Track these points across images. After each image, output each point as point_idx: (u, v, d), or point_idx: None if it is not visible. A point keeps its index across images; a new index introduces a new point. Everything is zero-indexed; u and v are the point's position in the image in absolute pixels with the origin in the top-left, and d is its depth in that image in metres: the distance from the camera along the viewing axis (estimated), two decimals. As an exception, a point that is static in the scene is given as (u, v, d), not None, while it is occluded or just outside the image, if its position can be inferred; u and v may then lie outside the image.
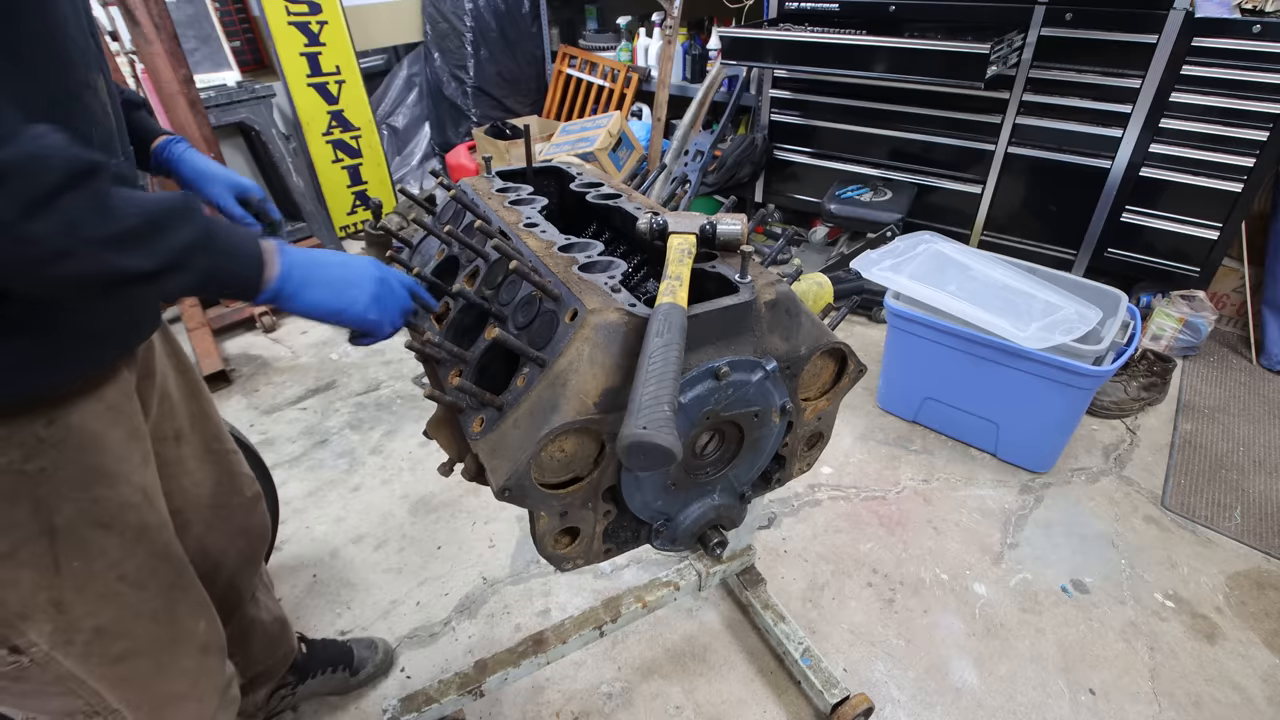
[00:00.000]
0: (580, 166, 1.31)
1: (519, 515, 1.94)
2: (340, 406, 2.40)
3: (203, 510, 1.08)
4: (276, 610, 1.33)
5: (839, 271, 2.07)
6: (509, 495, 0.75)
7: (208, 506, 1.09)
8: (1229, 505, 2.00)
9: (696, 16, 3.66)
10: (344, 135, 3.44)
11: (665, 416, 0.64)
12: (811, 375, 0.94)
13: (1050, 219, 2.78)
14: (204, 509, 1.08)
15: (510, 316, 0.87)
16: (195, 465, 1.06)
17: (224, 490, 1.12)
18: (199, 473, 1.07)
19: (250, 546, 1.20)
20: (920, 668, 1.56)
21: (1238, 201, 2.39)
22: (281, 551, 1.83)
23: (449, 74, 3.92)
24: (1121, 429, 2.31)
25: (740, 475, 0.95)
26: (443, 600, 1.71)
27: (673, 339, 0.70)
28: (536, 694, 1.50)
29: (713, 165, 3.22)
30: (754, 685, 1.52)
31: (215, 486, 1.10)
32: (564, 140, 3.44)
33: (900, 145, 2.98)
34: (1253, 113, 2.26)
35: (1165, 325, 2.59)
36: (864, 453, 2.20)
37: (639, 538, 0.95)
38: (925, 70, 2.40)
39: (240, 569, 1.19)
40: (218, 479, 1.10)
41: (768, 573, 1.73)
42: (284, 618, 1.35)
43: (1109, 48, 2.41)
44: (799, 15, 2.97)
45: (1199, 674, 1.56)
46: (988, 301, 1.97)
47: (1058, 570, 1.80)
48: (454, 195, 1.07)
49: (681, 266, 0.82)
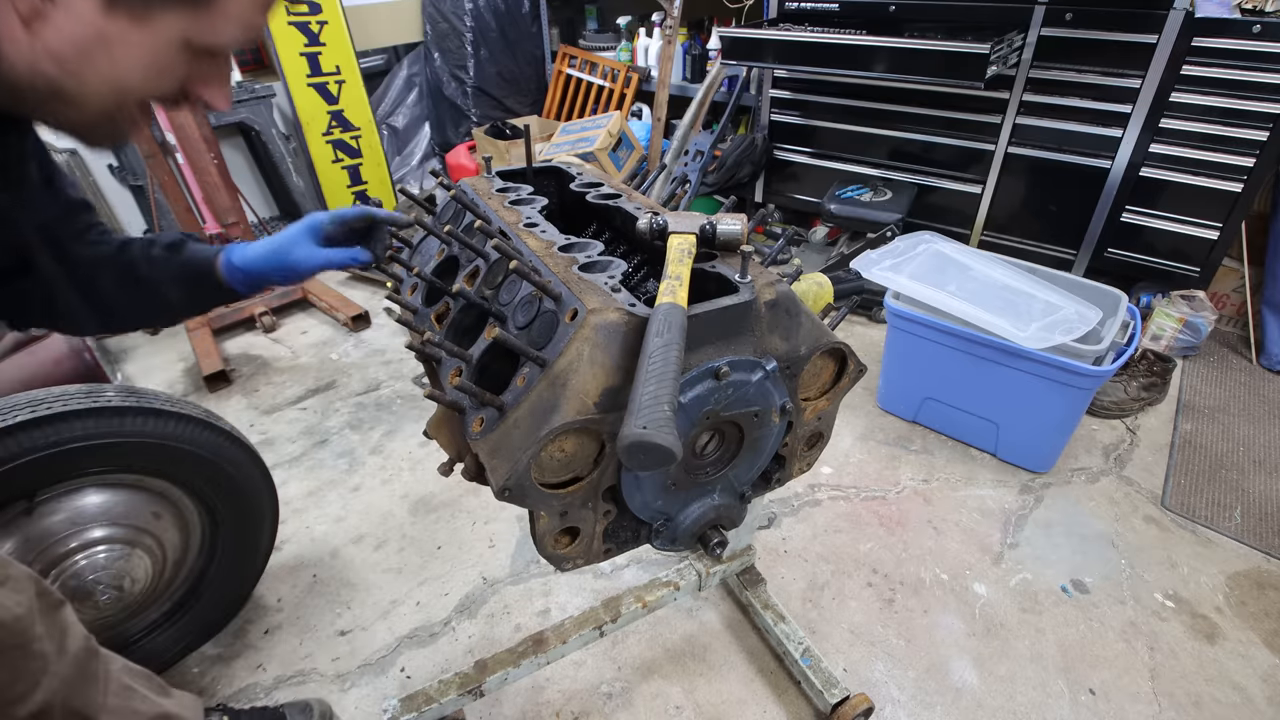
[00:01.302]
0: (580, 166, 1.31)
1: (519, 515, 1.94)
2: (340, 406, 2.40)
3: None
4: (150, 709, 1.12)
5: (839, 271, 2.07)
6: (509, 495, 0.75)
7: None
8: (1229, 505, 2.00)
9: (696, 16, 3.66)
10: (344, 135, 3.44)
11: (665, 416, 0.64)
12: (811, 375, 0.94)
13: (1050, 219, 2.78)
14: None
15: (510, 316, 0.87)
16: None
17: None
18: None
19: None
20: (920, 668, 1.56)
21: (1238, 201, 2.39)
22: (281, 551, 1.83)
23: (449, 74, 3.92)
24: (1121, 429, 2.31)
25: (740, 475, 0.95)
26: (443, 600, 1.71)
27: (673, 339, 0.70)
28: (536, 694, 1.50)
29: (713, 165, 3.22)
30: (754, 685, 1.52)
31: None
32: (564, 140, 3.44)
33: (900, 145, 2.98)
34: (1253, 113, 2.27)
35: (1165, 325, 2.59)
36: (864, 453, 2.20)
37: (639, 538, 0.95)
38: (925, 70, 2.40)
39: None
40: None
41: (768, 573, 1.73)
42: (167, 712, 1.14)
43: (1109, 48, 2.41)
44: (799, 15, 2.97)
45: (1199, 674, 1.56)
46: (988, 301, 1.97)
47: (1058, 570, 1.80)
48: (454, 195, 1.07)
49: (681, 266, 0.82)
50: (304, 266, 1.01)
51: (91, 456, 1.23)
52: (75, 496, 1.27)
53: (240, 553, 1.55)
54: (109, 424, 1.23)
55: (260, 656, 1.59)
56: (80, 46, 0.56)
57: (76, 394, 1.22)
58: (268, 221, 3.30)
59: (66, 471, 1.23)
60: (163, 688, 1.19)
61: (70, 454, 1.19)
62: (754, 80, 3.25)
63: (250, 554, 1.58)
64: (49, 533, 1.24)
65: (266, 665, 1.57)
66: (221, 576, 1.53)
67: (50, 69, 0.57)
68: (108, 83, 0.59)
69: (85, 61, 0.57)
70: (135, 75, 0.60)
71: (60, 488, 1.25)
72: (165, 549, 1.40)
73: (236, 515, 1.49)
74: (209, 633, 1.59)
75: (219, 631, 1.61)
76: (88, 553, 1.27)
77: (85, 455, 1.22)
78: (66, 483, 1.26)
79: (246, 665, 1.57)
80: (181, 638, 1.52)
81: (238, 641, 1.61)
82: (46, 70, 0.57)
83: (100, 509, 1.30)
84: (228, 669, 1.56)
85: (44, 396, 1.20)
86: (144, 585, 1.36)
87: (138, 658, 1.15)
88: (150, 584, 1.38)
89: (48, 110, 0.62)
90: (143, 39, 0.57)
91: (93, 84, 0.59)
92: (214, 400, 2.44)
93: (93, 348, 1.58)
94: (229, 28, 0.61)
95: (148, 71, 0.60)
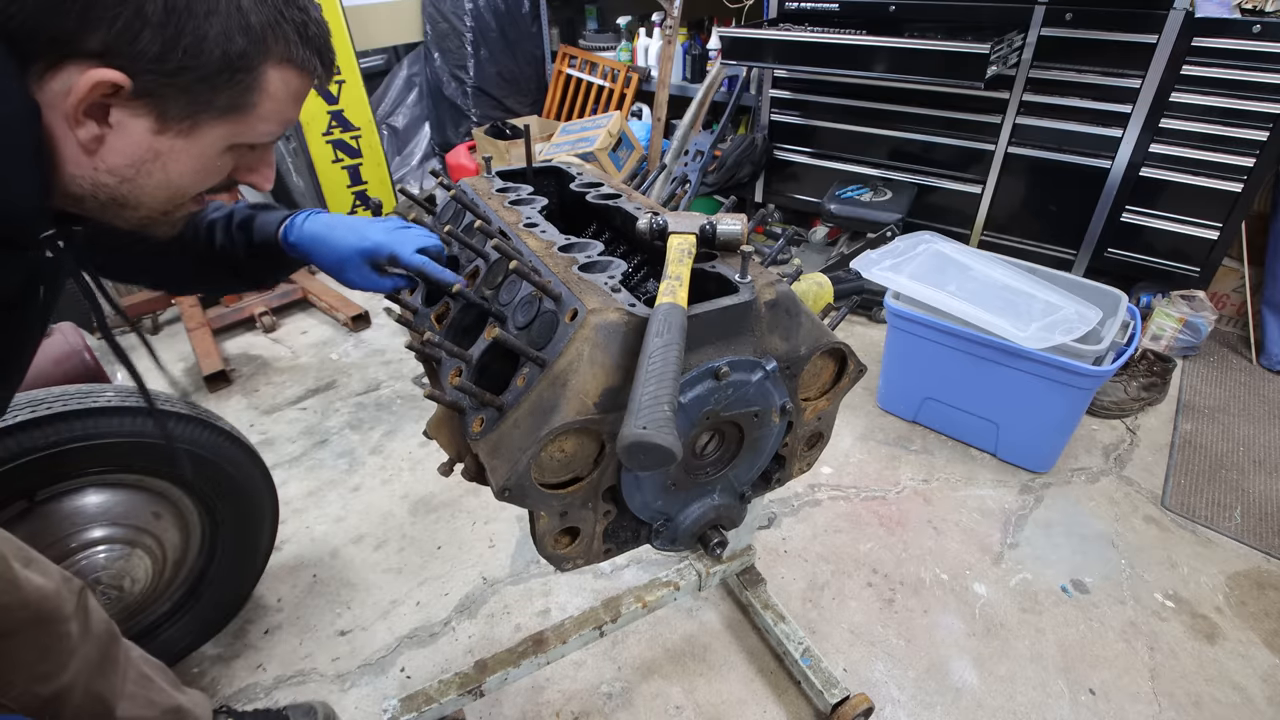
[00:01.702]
0: (580, 166, 1.31)
1: (519, 515, 1.94)
2: (340, 406, 2.40)
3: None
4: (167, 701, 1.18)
5: (839, 271, 2.07)
6: (509, 495, 0.75)
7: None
8: (1229, 505, 2.00)
9: (696, 16, 3.66)
10: (344, 135, 3.44)
11: (665, 416, 0.64)
12: (811, 375, 0.94)
13: (1050, 219, 2.78)
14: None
15: (510, 316, 0.87)
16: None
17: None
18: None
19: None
20: (920, 668, 1.56)
21: (1238, 201, 2.39)
22: (281, 551, 1.83)
23: (449, 74, 3.92)
24: (1121, 429, 2.31)
25: (740, 475, 0.95)
26: (443, 600, 1.71)
27: (673, 339, 0.70)
28: (536, 694, 1.50)
29: (713, 165, 3.22)
30: (754, 685, 1.52)
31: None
32: (564, 140, 3.44)
33: (900, 145, 2.98)
34: (1253, 113, 2.27)
35: (1165, 325, 2.59)
36: (864, 453, 2.20)
37: (639, 538, 0.95)
38: (925, 70, 2.40)
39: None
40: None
41: (768, 573, 1.73)
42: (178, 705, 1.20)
43: (1109, 48, 2.41)
44: (799, 15, 2.97)
45: (1199, 674, 1.55)
46: (988, 301, 1.97)
47: (1058, 570, 1.80)
48: (454, 195, 1.07)
49: (681, 266, 0.82)
50: (353, 285, 1.02)
51: (91, 456, 1.23)
52: (75, 496, 1.27)
53: (240, 553, 1.55)
54: (109, 424, 1.23)
55: (260, 656, 1.58)
56: (136, 163, 0.63)
57: (76, 394, 1.22)
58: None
59: (66, 471, 1.23)
60: (176, 682, 1.21)
61: (70, 454, 1.19)
62: (754, 80, 3.25)
63: (250, 554, 1.58)
64: (49, 532, 1.24)
65: (266, 665, 1.57)
66: (221, 576, 1.53)
67: (110, 182, 0.63)
68: (162, 188, 0.66)
69: (141, 175, 0.64)
70: (186, 179, 0.67)
71: (60, 487, 1.25)
72: (165, 549, 1.40)
73: (236, 515, 1.48)
74: (209, 633, 1.59)
75: (219, 631, 1.61)
76: (87, 553, 1.27)
77: (85, 455, 1.22)
78: (66, 482, 1.26)
79: (246, 665, 1.57)
80: (181, 638, 1.52)
81: (238, 641, 1.61)
82: (106, 183, 0.63)
83: (100, 509, 1.30)
84: (228, 669, 1.56)
85: (43, 396, 1.20)
86: (144, 585, 1.36)
87: (137, 658, 1.16)
88: (150, 584, 1.38)
89: (109, 214, 0.67)
90: (191, 149, 0.64)
91: (149, 190, 0.65)
92: (214, 400, 2.43)
93: (92, 348, 1.58)
94: (266, 126, 0.67)
95: (197, 175, 0.67)
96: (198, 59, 0.58)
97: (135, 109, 0.59)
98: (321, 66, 0.69)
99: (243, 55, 0.61)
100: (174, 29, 0.56)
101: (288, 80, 0.66)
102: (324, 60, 0.69)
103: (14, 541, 1.00)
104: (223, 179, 0.71)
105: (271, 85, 0.65)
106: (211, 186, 0.71)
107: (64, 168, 0.62)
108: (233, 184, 0.73)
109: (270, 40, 0.62)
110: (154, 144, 0.62)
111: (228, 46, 0.59)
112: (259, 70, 0.63)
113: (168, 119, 0.61)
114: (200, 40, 0.58)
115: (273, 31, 0.62)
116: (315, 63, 0.68)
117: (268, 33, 0.62)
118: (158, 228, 0.72)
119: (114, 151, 0.61)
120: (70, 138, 0.60)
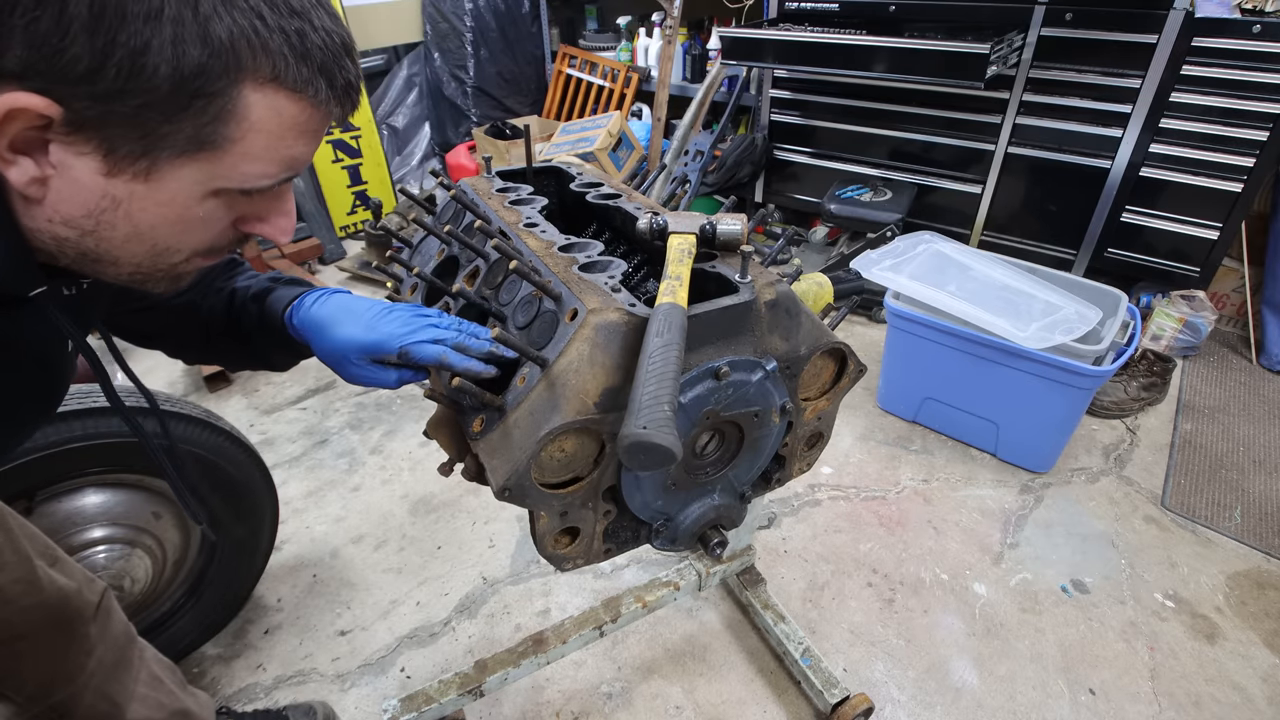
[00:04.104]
0: (580, 166, 1.30)
1: (519, 515, 1.94)
2: (340, 406, 2.40)
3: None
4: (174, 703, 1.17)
5: (839, 271, 2.07)
6: (509, 495, 0.75)
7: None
8: (1229, 505, 2.00)
9: (696, 16, 3.66)
10: (344, 135, 3.44)
11: (665, 416, 0.64)
12: (811, 375, 0.94)
13: (1050, 219, 2.78)
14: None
15: (510, 316, 0.87)
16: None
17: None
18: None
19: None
20: (920, 668, 1.56)
21: (1238, 201, 2.39)
22: (281, 551, 1.83)
23: (449, 74, 3.92)
24: (1121, 429, 2.31)
25: (740, 475, 0.95)
26: (443, 600, 1.71)
27: (673, 339, 0.70)
28: (536, 694, 1.50)
29: (713, 165, 3.22)
30: (754, 685, 1.52)
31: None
32: (564, 140, 3.44)
33: (900, 145, 2.98)
34: (1253, 113, 2.27)
35: (1165, 325, 2.59)
36: (864, 453, 2.20)
37: (639, 538, 0.95)
38: (925, 70, 2.40)
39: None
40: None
41: (768, 573, 1.73)
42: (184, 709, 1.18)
43: (1109, 48, 2.41)
44: (799, 15, 2.97)
45: (1199, 674, 1.55)
46: (988, 301, 1.97)
47: (1058, 570, 1.80)
48: (454, 195, 1.06)
49: (681, 266, 0.82)
50: (356, 381, 0.86)
51: (90, 456, 1.23)
52: (75, 496, 1.27)
53: (240, 553, 1.55)
54: (108, 424, 1.23)
55: (260, 656, 1.58)
56: (92, 213, 0.52)
57: (75, 394, 1.22)
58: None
59: (65, 471, 1.23)
60: (183, 683, 1.21)
61: (69, 454, 1.19)
62: (754, 80, 3.25)
63: (250, 554, 1.58)
64: (48, 533, 1.22)
65: (266, 665, 1.57)
66: (221, 576, 1.53)
67: (68, 235, 0.53)
68: (134, 242, 0.55)
69: (102, 226, 0.53)
70: (162, 232, 0.55)
71: (59, 487, 1.25)
72: (165, 549, 1.40)
73: (236, 515, 1.48)
74: (209, 633, 1.59)
75: (219, 631, 1.61)
76: (87, 553, 1.27)
77: (84, 455, 1.22)
78: (66, 482, 1.26)
79: (246, 665, 1.57)
80: (181, 638, 1.52)
81: (238, 641, 1.61)
82: (66, 237, 0.53)
83: (100, 509, 1.30)
84: (228, 669, 1.56)
85: (44, 396, 1.20)
86: (144, 585, 1.36)
87: (137, 658, 1.16)
88: (150, 584, 1.38)
89: (89, 271, 0.58)
90: (155, 195, 0.52)
91: (118, 244, 0.55)
92: (214, 400, 2.43)
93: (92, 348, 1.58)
94: (257, 166, 0.54)
95: (175, 227, 0.55)
96: (138, 78, 0.46)
97: (76, 145, 0.48)
98: (330, 89, 0.54)
99: (200, 73, 0.47)
100: (105, 38, 0.44)
101: (278, 107, 0.52)
102: (332, 81, 0.54)
103: (42, 539, 0.98)
104: (224, 232, 0.59)
105: (254, 113, 0.51)
106: (214, 243, 0.59)
107: (18, 219, 0.52)
108: (244, 237, 0.62)
109: (245, 54, 0.49)
110: (108, 189, 0.51)
111: (178, 61, 0.46)
112: (231, 94, 0.49)
113: (118, 157, 0.49)
114: (139, 52, 0.45)
115: (248, 43, 0.49)
116: (319, 83, 0.53)
117: (240, 44, 0.48)
118: (155, 284, 0.61)
119: (63, 199, 0.51)
120: (8, 184, 0.50)
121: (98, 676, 1.03)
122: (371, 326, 0.81)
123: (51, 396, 0.75)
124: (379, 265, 1.07)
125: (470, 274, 0.97)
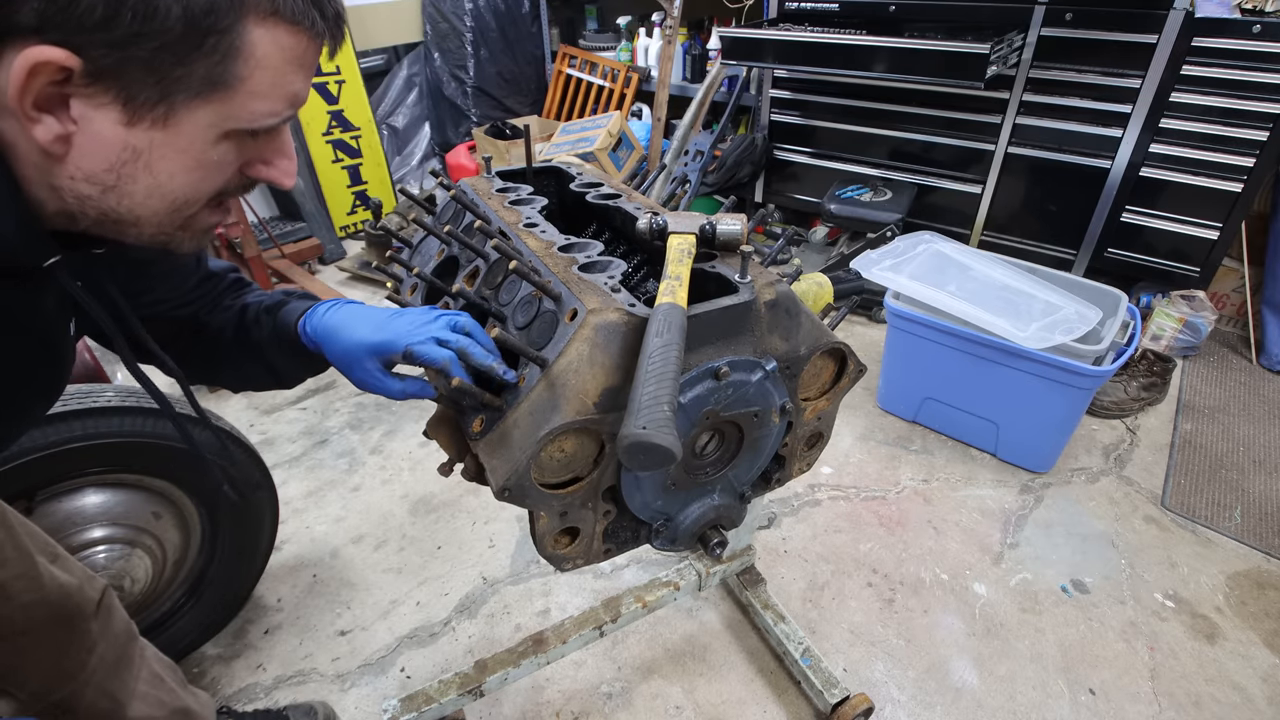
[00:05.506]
0: (580, 166, 1.30)
1: (519, 515, 1.94)
2: (340, 406, 2.40)
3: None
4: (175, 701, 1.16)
5: (839, 271, 2.07)
6: (509, 495, 0.75)
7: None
8: (1229, 505, 2.00)
9: (696, 16, 3.66)
10: (344, 135, 3.44)
11: (665, 416, 0.64)
12: (811, 375, 0.94)
13: (1050, 219, 2.78)
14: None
15: (510, 316, 0.87)
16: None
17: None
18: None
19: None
20: (920, 668, 1.56)
21: (1238, 201, 2.39)
22: (281, 551, 1.83)
23: (449, 74, 3.92)
24: (1121, 429, 2.31)
25: (740, 475, 0.95)
26: (443, 600, 1.71)
27: (672, 339, 0.70)
28: (536, 694, 1.50)
29: (713, 165, 3.22)
30: (754, 685, 1.52)
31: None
32: (564, 140, 3.44)
33: (900, 145, 2.98)
34: (1253, 113, 2.27)
35: (1165, 325, 2.59)
36: (864, 453, 2.20)
37: (639, 538, 0.95)
38: (925, 70, 2.40)
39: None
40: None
41: (768, 573, 1.73)
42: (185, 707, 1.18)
43: (1109, 48, 2.41)
44: (799, 15, 2.97)
45: (1199, 674, 1.55)
46: (988, 301, 1.97)
47: (1058, 570, 1.80)
48: (454, 195, 1.06)
49: (681, 266, 0.82)
50: (363, 387, 0.85)
51: (90, 456, 1.23)
52: (75, 496, 1.27)
53: (240, 553, 1.55)
54: (108, 424, 1.23)
55: (260, 656, 1.58)
56: (114, 167, 0.53)
57: (75, 394, 1.22)
58: (268, 221, 3.30)
59: (65, 471, 1.23)
60: (184, 682, 1.21)
61: (69, 454, 1.19)
62: (754, 80, 3.25)
63: (250, 554, 1.58)
64: (49, 532, 1.23)
65: (266, 665, 1.57)
66: (221, 576, 1.53)
67: (90, 193, 0.54)
68: (154, 196, 0.56)
69: (124, 180, 0.54)
70: (180, 181, 0.56)
71: (60, 487, 1.25)
72: (165, 549, 1.40)
73: (236, 515, 1.48)
74: (209, 633, 1.59)
75: (219, 631, 1.61)
76: (88, 552, 1.27)
77: (84, 455, 1.22)
78: (66, 482, 1.26)
79: (246, 665, 1.57)
80: (181, 638, 1.52)
81: (238, 641, 1.61)
82: (88, 195, 0.54)
83: (100, 509, 1.30)
84: (228, 669, 1.56)
85: (44, 396, 1.20)
86: (144, 585, 1.36)
87: (137, 658, 1.15)
88: (150, 584, 1.38)
89: (110, 232, 0.58)
90: (174, 142, 0.54)
91: (139, 200, 0.56)
92: (214, 400, 2.43)
93: (92, 348, 1.58)
94: (264, 104, 0.55)
95: (192, 175, 0.56)
96: (152, 21, 0.47)
97: (95, 97, 0.49)
98: (323, 19, 0.56)
99: (210, 10, 0.49)
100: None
101: (279, 40, 0.54)
102: (324, 11, 0.56)
103: (42, 536, 0.99)
104: (232, 177, 0.60)
105: (260, 49, 0.53)
106: (221, 188, 0.60)
107: (37, 180, 0.53)
108: (251, 183, 0.63)
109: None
110: (128, 139, 0.52)
111: (189, 1, 0.48)
112: (238, 30, 0.51)
113: (136, 105, 0.50)
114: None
115: None
116: (313, 14, 0.55)
117: None
118: (176, 244, 0.62)
119: (85, 154, 0.52)
120: (32, 143, 0.50)
121: (99, 673, 1.03)
122: (381, 326, 0.82)
123: (56, 380, 0.75)
124: (379, 265, 1.07)
125: (470, 274, 0.97)
